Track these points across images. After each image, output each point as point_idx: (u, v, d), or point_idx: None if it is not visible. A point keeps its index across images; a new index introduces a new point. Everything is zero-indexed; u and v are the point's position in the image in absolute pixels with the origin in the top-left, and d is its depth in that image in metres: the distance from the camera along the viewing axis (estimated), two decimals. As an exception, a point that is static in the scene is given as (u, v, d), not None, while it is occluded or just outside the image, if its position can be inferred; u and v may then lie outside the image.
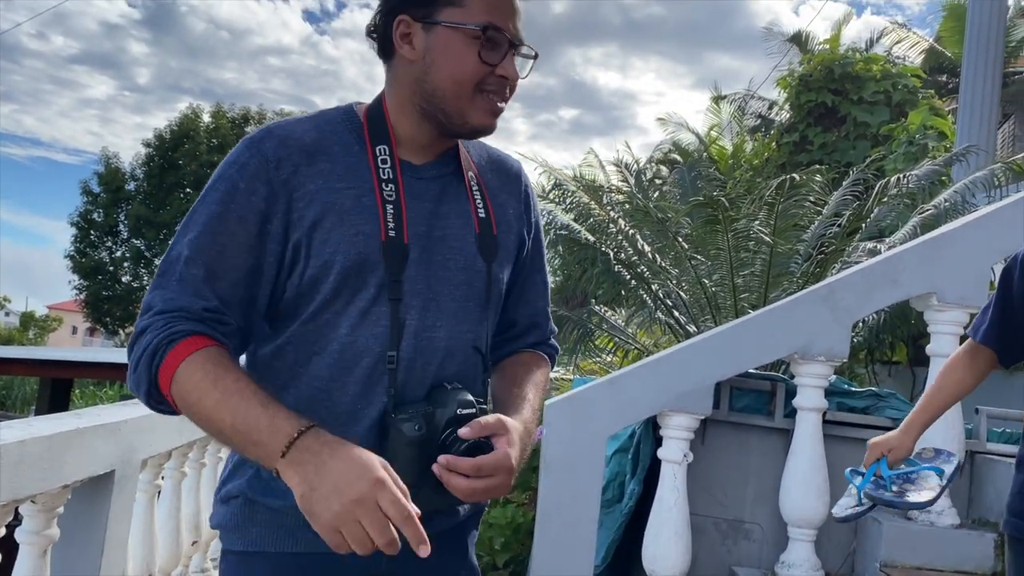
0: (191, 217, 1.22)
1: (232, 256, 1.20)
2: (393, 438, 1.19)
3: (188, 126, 31.81)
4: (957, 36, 14.55)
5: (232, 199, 1.20)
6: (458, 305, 1.29)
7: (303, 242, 1.21)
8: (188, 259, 1.19)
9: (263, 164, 1.21)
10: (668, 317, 5.66)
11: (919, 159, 8.39)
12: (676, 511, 2.90)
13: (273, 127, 1.28)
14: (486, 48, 1.23)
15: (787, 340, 2.95)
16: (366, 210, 1.23)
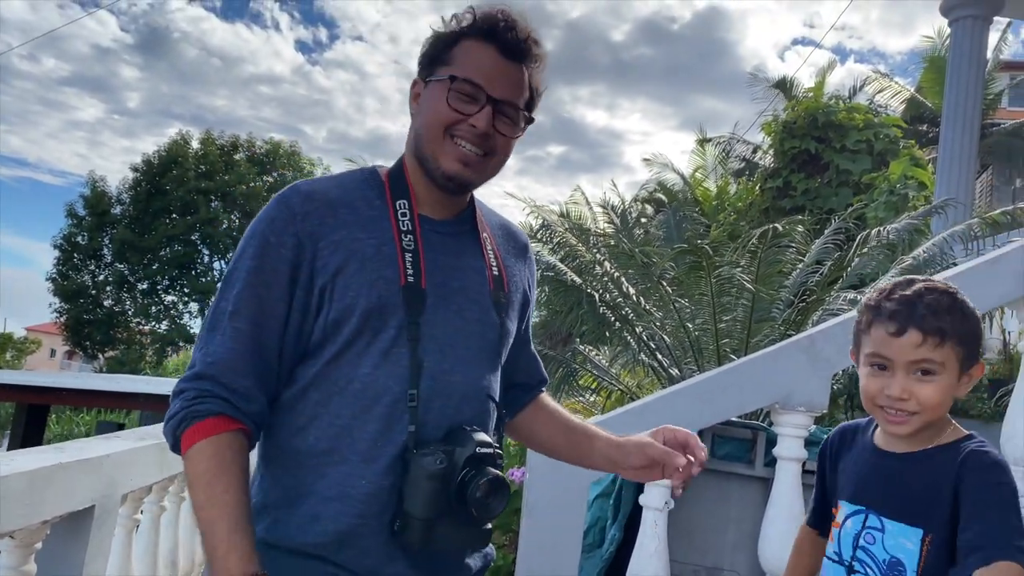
0: (232, 273, 1.32)
1: (271, 306, 1.29)
2: (414, 472, 1.25)
3: (177, 152, 31.82)
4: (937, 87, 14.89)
5: (265, 252, 1.30)
6: (473, 353, 1.37)
7: (328, 287, 1.29)
8: (232, 313, 1.29)
9: (291, 217, 1.31)
10: (651, 359, 5.70)
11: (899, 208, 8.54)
12: (656, 558, 2.91)
13: (300, 184, 1.38)
14: (454, 95, 1.33)
15: (768, 390, 2.98)
16: (386, 258, 1.32)
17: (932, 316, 1.34)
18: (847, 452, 1.51)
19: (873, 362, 1.39)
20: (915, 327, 1.34)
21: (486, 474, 1.27)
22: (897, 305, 1.36)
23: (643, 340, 5.71)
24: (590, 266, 5.85)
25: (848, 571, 1.41)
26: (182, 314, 33.43)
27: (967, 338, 1.36)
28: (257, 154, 32.85)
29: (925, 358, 1.34)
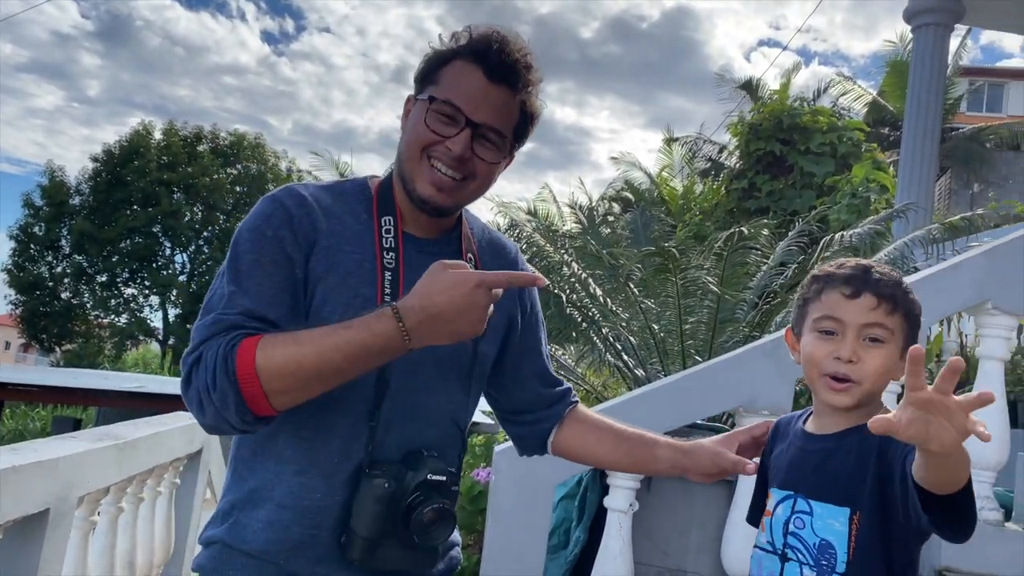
0: (227, 268, 1.30)
1: (273, 294, 1.27)
2: (362, 492, 1.28)
3: (138, 142, 31.27)
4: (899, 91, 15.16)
5: (263, 245, 1.29)
6: (441, 375, 1.37)
7: (309, 294, 1.30)
8: (232, 293, 1.27)
9: (287, 217, 1.31)
10: (617, 359, 5.73)
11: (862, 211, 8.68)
12: (621, 560, 2.93)
13: (293, 187, 1.38)
14: (432, 116, 1.32)
15: (733, 393, 3.01)
16: (367, 274, 1.32)
17: (885, 285, 1.37)
18: (779, 443, 1.51)
19: (822, 327, 1.38)
20: (871, 291, 1.36)
21: (434, 502, 1.28)
22: (852, 271, 1.39)
23: (609, 340, 5.74)
24: (557, 266, 5.86)
25: (782, 560, 1.39)
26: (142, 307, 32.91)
27: (911, 316, 1.39)
28: (221, 146, 32.39)
29: (877, 322, 1.35)
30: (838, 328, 1.37)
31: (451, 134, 1.31)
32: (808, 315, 1.42)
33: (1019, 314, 3.11)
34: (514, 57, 1.33)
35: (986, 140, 18.28)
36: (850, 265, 1.41)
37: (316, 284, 1.30)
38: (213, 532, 1.35)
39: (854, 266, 1.40)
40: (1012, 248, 3.13)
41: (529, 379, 1.56)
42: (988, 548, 2.88)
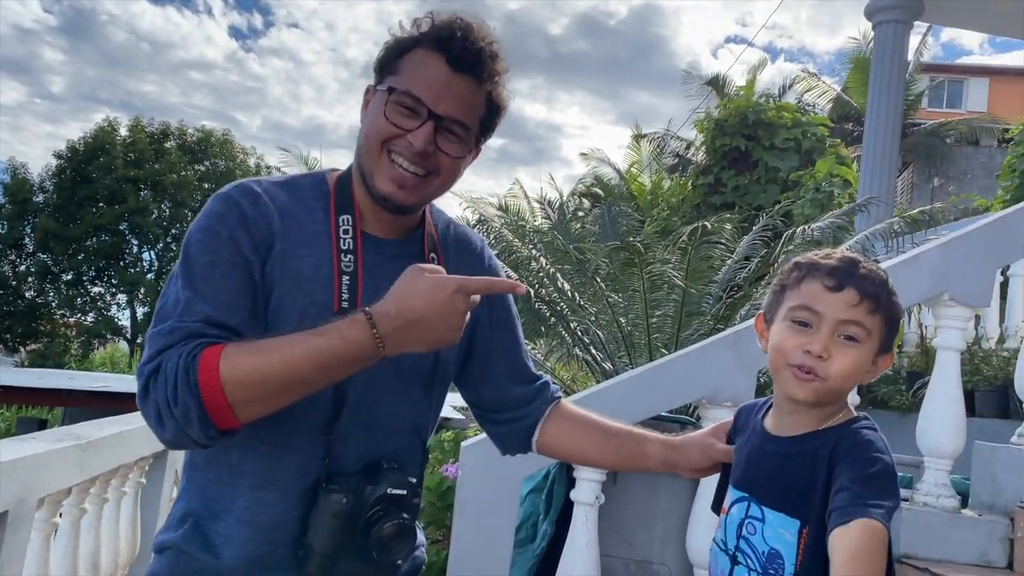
0: (181, 271, 1.22)
1: (231, 299, 1.20)
2: (320, 508, 1.23)
3: (103, 138, 30.77)
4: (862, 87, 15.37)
5: (218, 246, 1.21)
6: (402, 384, 1.31)
7: (263, 300, 1.23)
8: (189, 298, 1.18)
9: (242, 217, 1.23)
10: (585, 353, 5.77)
11: (825, 206, 8.80)
12: (587, 552, 2.95)
13: (246, 184, 1.29)
14: (391, 107, 1.25)
15: (697, 385, 3.04)
16: (323, 279, 1.25)
17: (871, 282, 1.29)
18: (740, 434, 1.45)
19: (797, 317, 1.30)
20: (854, 286, 1.27)
21: (393, 517, 1.24)
22: (838, 263, 1.30)
23: (577, 335, 5.77)
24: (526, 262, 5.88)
25: (732, 561, 1.35)
26: (109, 306, 32.46)
27: (892, 319, 1.32)
28: (188, 142, 31.98)
29: (856, 319, 1.27)
30: (814, 320, 1.28)
31: (412, 127, 1.23)
32: (784, 302, 1.34)
33: (975, 305, 3.18)
34: (479, 45, 1.26)
35: (946, 135, 18.61)
36: (836, 256, 1.33)
37: (271, 290, 1.23)
38: (168, 537, 1.30)
39: (840, 258, 1.32)
40: (967, 241, 3.19)
41: (501, 377, 1.48)
42: (945, 534, 2.95)
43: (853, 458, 1.24)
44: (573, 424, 1.51)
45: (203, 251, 1.22)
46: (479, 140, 1.33)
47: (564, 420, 1.51)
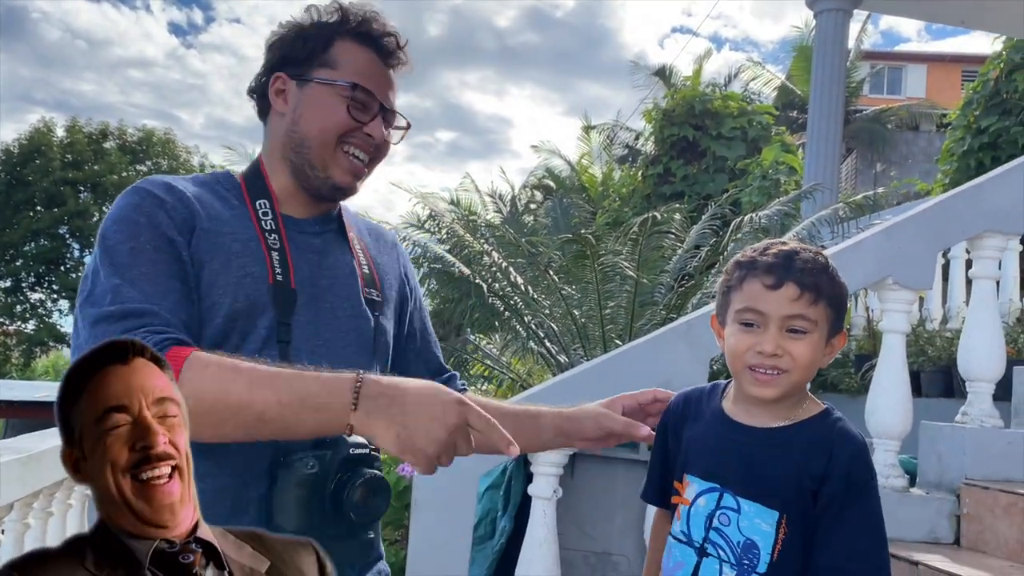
0: (101, 264, 1.17)
1: (159, 280, 1.16)
2: (282, 482, 1.16)
3: (39, 140, 29.83)
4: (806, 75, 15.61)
5: (138, 232, 1.18)
6: (349, 351, 1.29)
7: (194, 279, 1.20)
8: (117, 286, 1.14)
9: (158, 203, 1.21)
10: (540, 347, 5.78)
11: (772, 193, 8.94)
12: (547, 547, 2.95)
13: (153, 178, 1.28)
14: (354, 105, 1.30)
15: (650, 376, 3.04)
16: (253, 253, 1.24)
17: (809, 273, 1.30)
18: (692, 422, 1.43)
19: (744, 319, 1.32)
20: (792, 281, 1.29)
21: (361, 475, 1.18)
22: (774, 259, 1.32)
23: (532, 328, 5.78)
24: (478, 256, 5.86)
25: (700, 553, 1.33)
26: (51, 312, 31.54)
27: (837, 302, 1.33)
28: (129, 142, 31.19)
29: (800, 313, 1.29)
30: (760, 320, 1.31)
31: (367, 120, 1.30)
32: (731, 304, 1.36)
33: (918, 288, 3.25)
34: (398, 40, 1.34)
35: (887, 121, 19.06)
36: (772, 252, 1.33)
37: (201, 268, 1.20)
38: None
39: (776, 253, 1.33)
40: (909, 226, 3.26)
41: (416, 362, 1.49)
42: (895, 513, 3.01)
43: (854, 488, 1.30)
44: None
45: (123, 240, 1.18)
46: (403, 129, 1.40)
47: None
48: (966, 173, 8.80)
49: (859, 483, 1.30)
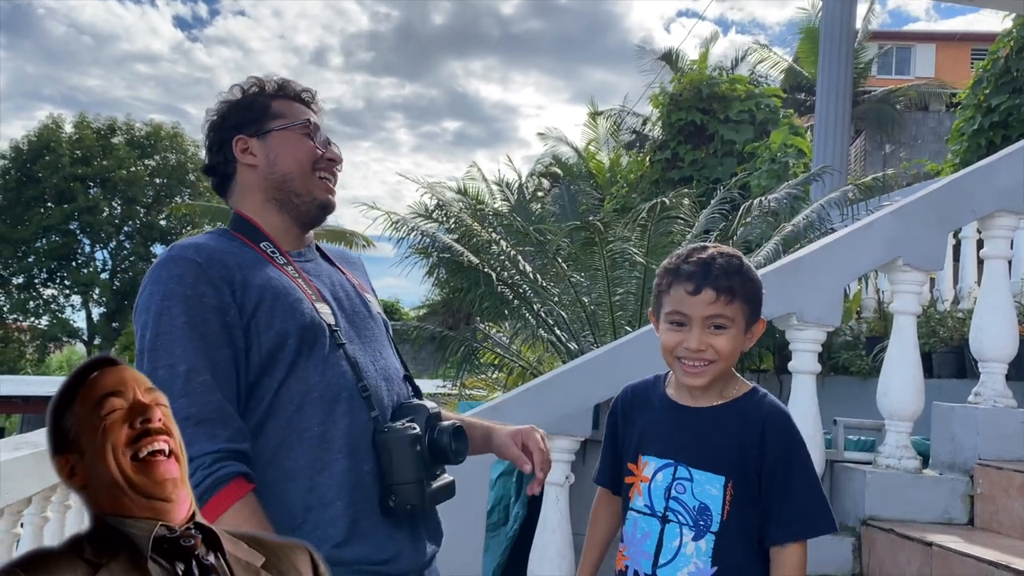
0: (160, 342, 1.33)
1: (215, 353, 1.34)
2: (395, 445, 1.40)
3: (48, 136, 29.92)
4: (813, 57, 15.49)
5: (188, 307, 1.35)
6: (380, 345, 1.56)
7: (251, 324, 1.38)
8: (189, 370, 1.31)
9: (198, 269, 1.38)
10: (550, 334, 5.78)
11: (781, 176, 8.89)
12: (560, 532, 2.96)
13: (176, 247, 1.44)
14: (314, 136, 1.56)
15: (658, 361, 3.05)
16: (287, 286, 1.45)
17: (724, 276, 1.52)
18: (641, 409, 1.67)
19: (672, 319, 1.56)
20: (710, 286, 1.51)
21: (442, 428, 1.45)
22: (693, 267, 1.54)
23: (541, 316, 5.78)
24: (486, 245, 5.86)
25: (662, 521, 1.57)
26: (63, 308, 31.73)
27: (752, 297, 1.55)
28: (137, 137, 31.25)
29: (718, 313, 1.52)
30: (686, 320, 1.54)
31: (323, 141, 1.57)
32: (662, 306, 1.59)
33: (929, 269, 3.23)
34: (311, 91, 1.63)
35: (896, 102, 18.90)
36: (692, 260, 1.56)
37: (255, 312, 1.39)
38: None
39: (695, 261, 1.55)
40: (919, 206, 3.24)
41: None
42: (908, 495, 3.01)
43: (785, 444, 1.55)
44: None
45: (177, 314, 1.35)
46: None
47: None
48: (976, 152, 8.73)
49: (795, 450, 1.56)
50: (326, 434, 1.39)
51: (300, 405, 1.38)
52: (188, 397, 1.30)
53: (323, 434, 1.39)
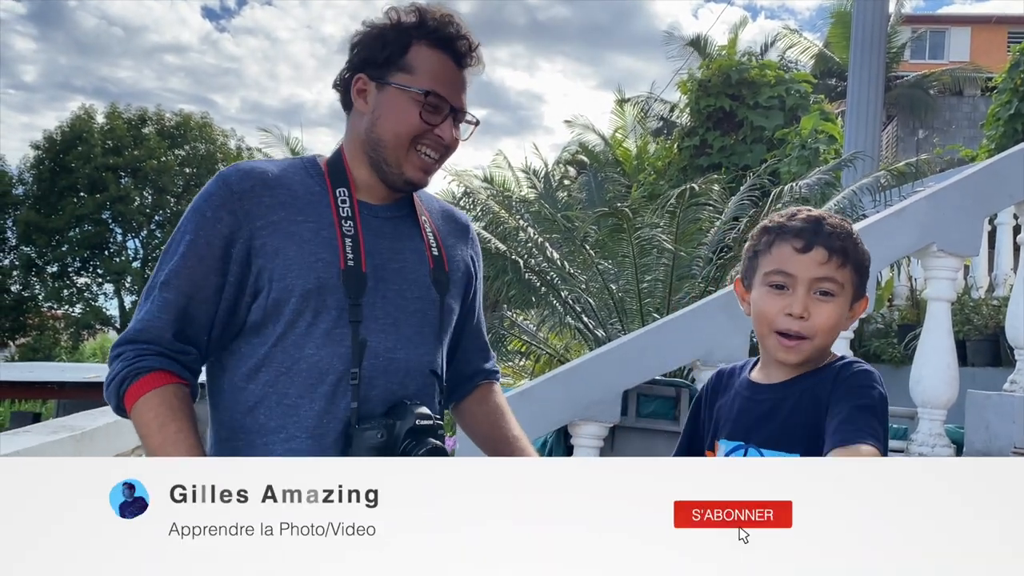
0: (169, 246, 1.39)
1: (201, 276, 1.35)
2: (356, 447, 1.33)
3: (81, 127, 30.31)
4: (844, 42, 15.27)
5: (200, 227, 1.36)
6: (415, 331, 1.43)
7: (267, 268, 1.36)
8: (163, 283, 1.36)
9: (228, 194, 1.37)
10: (577, 321, 5.77)
11: (811, 162, 8.79)
12: (587, 518, 2.97)
13: (239, 163, 1.44)
14: (427, 110, 1.40)
15: (690, 348, 3.05)
16: (325, 241, 1.38)
17: (837, 237, 1.37)
18: (723, 393, 1.52)
19: (773, 281, 1.38)
20: (822, 244, 1.36)
21: (425, 444, 1.33)
22: (803, 224, 1.38)
23: (568, 303, 5.77)
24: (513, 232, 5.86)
25: None
26: (96, 296, 32.20)
27: (861, 268, 1.40)
28: (167, 127, 31.54)
29: (828, 276, 1.36)
30: (789, 282, 1.36)
31: (438, 123, 1.40)
32: (759, 268, 1.41)
33: (964, 254, 3.18)
34: (471, 41, 1.44)
35: (929, 87, 18.56)
36: (801, 217, 1.39)
37: (274, 258, 1.35)
38: None
39: (805, 218, 1.39)
40: (953, 191, 3.19)
41: (466, 339, 1.62)
42: None
43: (851, 386, 1.34)
44: (477, 415, 1.65)
45: (188, 229, 1.38)
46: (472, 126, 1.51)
47: (476, 405, 1.65)
48: (1013, 138, 8.55)
49: (860, 384, 1.33)
50: (299, 409, 1.35)
51: (287, 370, 1.35)
52: (143, 307, 1.36)
53: (297, 407, 1.35)
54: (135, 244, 32.19)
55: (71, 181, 30.01)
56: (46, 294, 31.51)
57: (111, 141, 30.36)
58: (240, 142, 32.85)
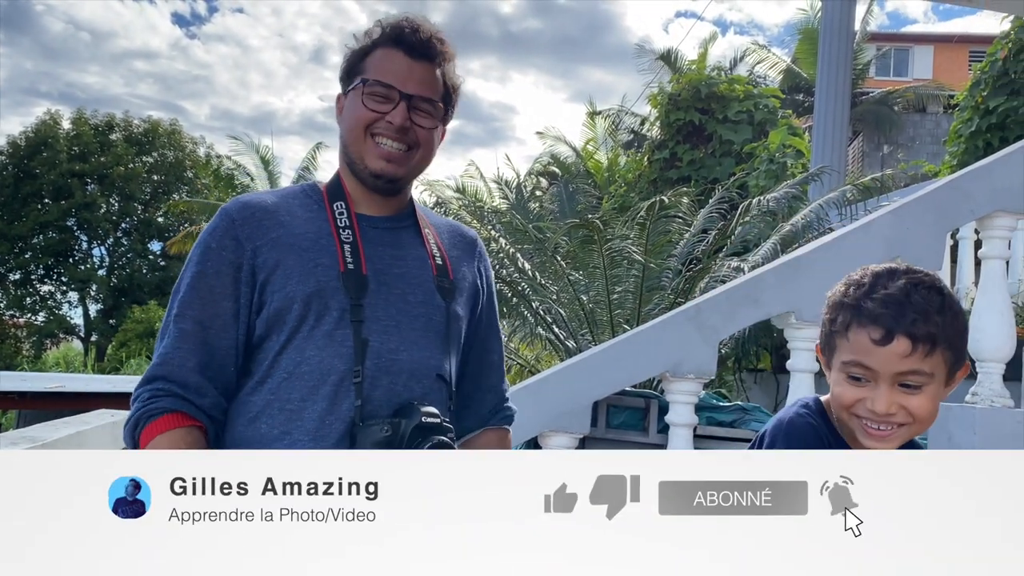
0: (178, 284, 1.41)
1: (214, 305, 1.38)
2: (360, 443, 1.32)
3: (46, 133, 29.83)
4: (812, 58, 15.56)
5: (207, 257, 1.40)
6: (419, 334, 1.42)
7: (268, 281, 1.38)
8: (177, 316, 1.38)
9: (230, 224, 1.41)
10: (548, 332, 5.79)
11: (779, 176, 8.91)
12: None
13: (241, 196, 1.50)
14: (368, 97, 1.42)
15: (659, 359, 3.07)
16: (324, 248, 1.40)
17: (922, 320, 1.16)
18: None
19: (851, 372, 1.20)
20: (903, 334, 1.16)
21: (430, 440, 1.31)
22: (882, 307, 1.17)
23: (539, 314, 5.79)
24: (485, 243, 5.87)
25: None
26: (60, 304, 31.65)
27: (956, 340, 1.20)
28: (135, 133, 31.14)
29: (914, 369, 1.17)
30: (869, 376, 1.19)
31: (388, 109, 1.41)
32: (836, 349, 1.23)
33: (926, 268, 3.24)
34: (428, 34, 1.45)
35: (894, 103, 18.93)
36: (882, 293, 1.19)
37: (274, 270, 1.38)
38: None
39: (883, 298, 1.18)
40: (918, 206, 3.25)
41: (475, 350, 1.55)
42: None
43: None
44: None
45: (196, 262, 1.41)
46: (445, 115, 1.50)
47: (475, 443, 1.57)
48: (974, 154, 8.75)
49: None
50: (302, 412, 1.34)
51: (290, 375, 1.35)
52: (161, 344, 1.38)
53: (300, 411, 1.34)
54: (101, 252, 31.69)
55: (35, 187, 29.50)
56: (8, 302, 30.90)
57: (77, 147, 29.91)
58: (209, 150, 32.51)
